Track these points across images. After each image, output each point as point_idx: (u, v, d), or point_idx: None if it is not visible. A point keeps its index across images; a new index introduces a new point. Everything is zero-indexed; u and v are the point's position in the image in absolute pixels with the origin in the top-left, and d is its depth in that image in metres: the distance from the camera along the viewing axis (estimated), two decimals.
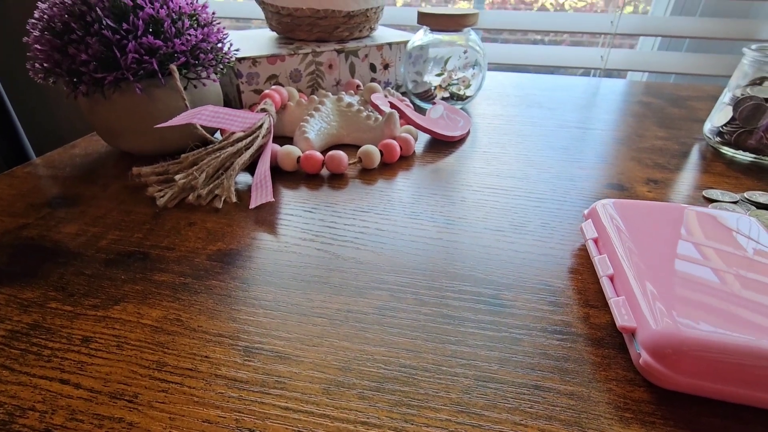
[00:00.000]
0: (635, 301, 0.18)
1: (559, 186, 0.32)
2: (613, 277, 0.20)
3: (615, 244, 0.21)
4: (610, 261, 0.21)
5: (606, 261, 0.21)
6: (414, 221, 0.28)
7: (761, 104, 0.35)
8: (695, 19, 0.68)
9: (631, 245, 0.21)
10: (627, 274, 0.19)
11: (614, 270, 0.20)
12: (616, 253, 0.21)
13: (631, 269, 0.20)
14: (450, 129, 0.40)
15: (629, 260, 0.20)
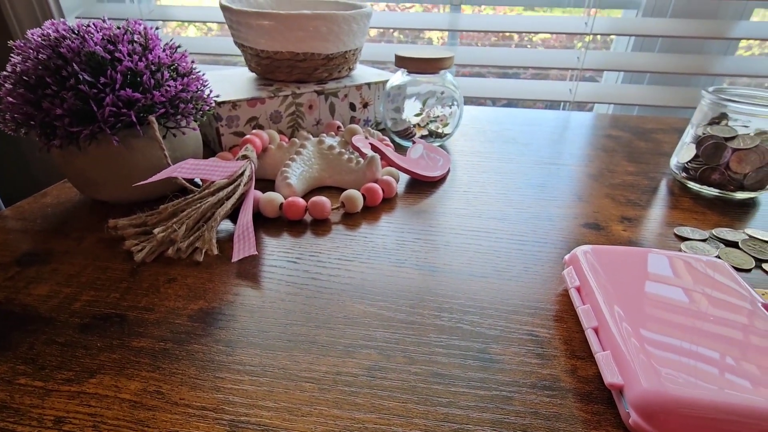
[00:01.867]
0: (622, 356, 0.18)
1: (539, 226, 0.33)
2: (597, 329, 0.21)
3: (597, 295, 0.22)
4: (593, 312, 0.21)
5: (590, 312, 0.22)
6: (399, 269, 0.28)
7: (721, 143, 0.37)
8: (654, 55, 0.73)
9: (614, 296, 0.21)
10: (611, 328, 0.20)
11: (598, 322, 0.21)
12: (599, 304, 0.21)
13: (614, 322, 0.20)
14: (430, 169, 0.41)
15: (612, 312, 0.21)
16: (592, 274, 0.23)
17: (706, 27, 0.67)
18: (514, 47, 0.91)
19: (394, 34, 0.97)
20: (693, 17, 0.70)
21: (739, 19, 0.70)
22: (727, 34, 0.67)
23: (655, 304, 0.21)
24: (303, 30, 0.44)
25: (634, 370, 0.18)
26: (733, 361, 0.18)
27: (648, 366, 0.17)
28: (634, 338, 0.19)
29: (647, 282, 0.22)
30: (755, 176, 0.37)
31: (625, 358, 0.18)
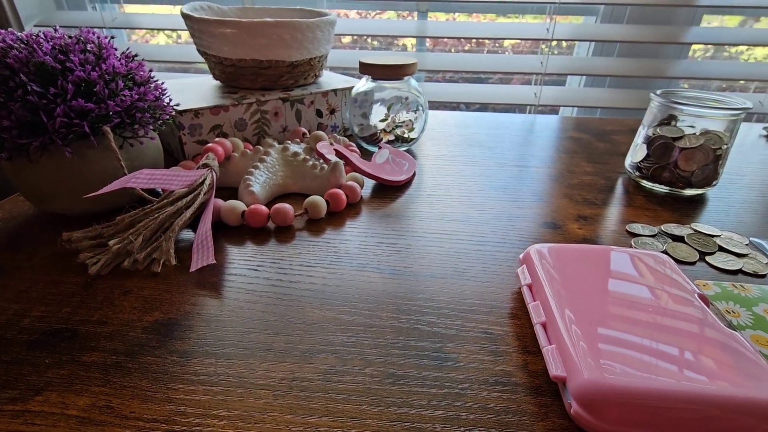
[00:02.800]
0: (566, 349, 0.19)
1: (499, 227, 0.34)
2: (545, 324, 0.21)
3: (547, 291, 0.23)
4: (542, 308, 0.22)
5: (539, 308, 0.22)
6: (360, 273, 0.28)
7: (669, 142, 0.39)
8: (613, 59, 0.76)
9: (562, 291, 0.22)
10: (558, 322, 0.21)
11: (546, 317, 0.22)
12: (547, 299, 0.22)
13: (561, 317, 0.21)
14: (395, 173, 0.41)
15: (560, 307, 0.21)
16: (543, 272, 0.24)
17: (660, 32, 0.71)
18: (486, 53, 0.93)
19: (368, 40, 0.98)
20: (648, 23, 0.73)
21: (690, 24, 0.74)
22: (680, 39, 0.70)
23: (600, 299, 0.22)
24: (266, 37, 0.44)
25: (576, 363, 0.18)
26: (669, 350, 0.19)
27: (588, 358, 0.18)
28: (578, 332, 0.20)
29: (594, 277, 0.23)
30: (701, 173, 0.39)
31: (568, 351, 0.19)
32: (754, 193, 0.41)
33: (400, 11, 0.83)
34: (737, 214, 0.37)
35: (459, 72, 0.88)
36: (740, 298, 0.26)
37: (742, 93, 0.81)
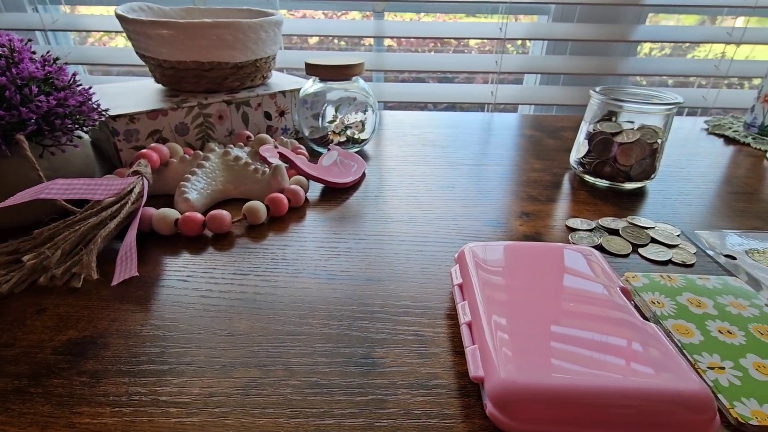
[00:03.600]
0: (486, 349, 0.19)
1: (442, 227, 0.34)
2: (471, 324, 0.21)
3: (475, 290, 0.23)
4: (469, 307, 0.22)
5: (467, 308, 0.22)
6: (295, 279, 0.27)
7: (609, 138, 0.40)
8: (566, 57, 0.77)
9: (489, 290, 0.22)
10: (482, 322, 0.20)
11: (472, 317, 0.21)
12: (475, 299, 0.22)
13: (486, 316, 0.21)
14: (342, 175, 0.41)
15: (486, 306, 0.21)
16: (474, 271, 0.24)
17: (609, 31, 0.73)
18: (453, 52, 0.93)
19: (335, 41, 0.97)
20: (597, 22, 0.75)
21: (637, 23, 0.76)
22: (628, 37, 0.73)
23: (524, 296, 0.22)
24: (206, 39, 0.43)
25: (494, 363, 0.18)
26: (584, 346, 0.19)
27: (505, 357, 0.18)
28: (499, 331, 0.20)
29: (521, 275, 0.23)
30: (639, 167, 0.40)
31: (488, 351, 0.19)
32: (690, 185, 0.43)
33: (364, 11, 0.82)
34: (673, 205, 0.38)
35: (422, 72, 0.88)
36: (666, 288, 0.26)
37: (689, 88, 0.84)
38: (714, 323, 0.23)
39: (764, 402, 0.19)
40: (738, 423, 0.18)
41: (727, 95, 0.75)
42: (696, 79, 0.83)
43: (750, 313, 0.24)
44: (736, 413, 0.19)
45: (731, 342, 0.22)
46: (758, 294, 0.26)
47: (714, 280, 0.27)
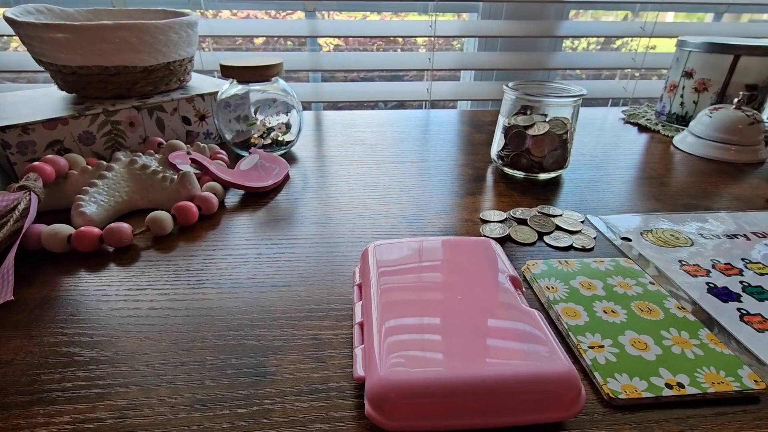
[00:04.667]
0: (371, 349, 0.19)
1: (359, 226, 0.34)
2: (363, 324, 0.21)
3: (371, 289, 0.22)
4: (363, 307, 0.22)
5: (361, 308, 0.22)
6: (196, 291, 0.26)
7: (522, 131, 0.41)
8: (497, 54, 0.80)
9: (385, 288, 0.22)
10: (372, 321, 0.20)
11: (365, 317, 0.21)
12: (370, 298, 0.22)
13: (377, 315, 0.21)
14: (261, 179, 0.40)
15: (378, 305, 0.21)
16: (374, 269, 0.24)
17: (535, 27, 0.75)
18: (399, 51, 0.94)
19: (281, 41, 0.94)
20: (522, 19, 0.78)
21: (560, 19, 0.80)
22: (552, 33, 0.76)
23: (416, 293, 0.22)
24: (107, 42, 0.40)
25: (375, 362, 0.18)
26: (467, 337, 0.19)
27: (386, 355, 0.18)
28: (386, 329, 0.20)
29: (417, 271, 0.23)
30: (551, 158, 0.41)
31: (372, 351, 0.19)
32: (601, 173, 0.45)
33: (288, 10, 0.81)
34: (583, 193, 0.40)
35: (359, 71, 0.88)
36: (562, 273, 0.27)
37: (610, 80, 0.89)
38: (601, 304, 0.25)
39: (635, 375, 0.20)
40: (609, 398, 0.19)
41: (644, 86, 0.80)
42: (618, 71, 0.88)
43: (634, 292, 0.26)
44: (608, 389, 0.20)
45: (613, 321, 0.23)
46: (644, 272, 0.28)
47: (607, 262, 0.29)
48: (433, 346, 0.18)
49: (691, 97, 0.55)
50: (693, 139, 0.50)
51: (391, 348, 0.18)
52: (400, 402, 0.17)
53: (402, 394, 0.17)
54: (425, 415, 0.17)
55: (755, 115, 0.47)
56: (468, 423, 0.17)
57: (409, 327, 0.20)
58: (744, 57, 0.51)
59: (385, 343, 0.19)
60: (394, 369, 0.17)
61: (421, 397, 0.17)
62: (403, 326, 0.20)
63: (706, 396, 0.19)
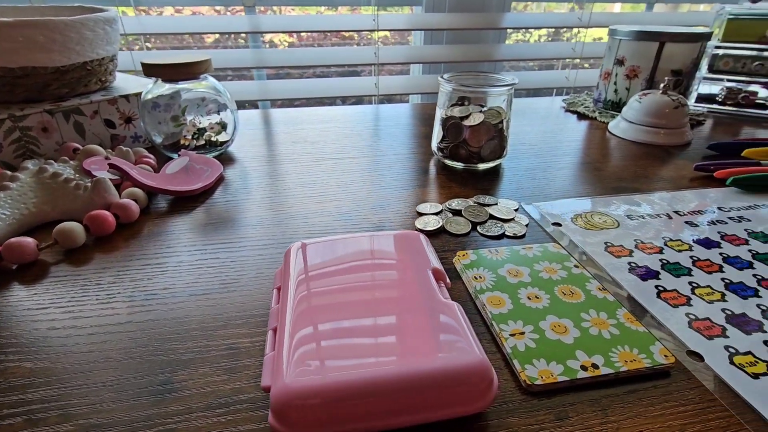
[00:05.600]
0: (280, 355, 0.18)
1: (291, 226, 0.33)
2: (276, 329, 0.20)
3: (288, 292, 0.21)
4: (279, 311, 0.21)
5: (277, 312, 0.21)
6: (104, 306, 0.24)
7: (458, 122, 0.41)
8: (443, 47, 0.80)
9: (302, 290, 0.21)
10: (285, 326, 0.19)
11: (278, 322, 0.20)
12: (286, 301, 0.21)
13: (290, 318, 0.20)
14: (189, 182, 0.38)
15: (293, 308, 0.20)
16: (294, 271, 0.23)
17: (478, 19, 0.76)
18: (356, 46, 0.92)
19: (232, 38, 0.90)
20: (466, 11, 0.78)
21: (503, 11, 0.81)
22: (496, 25, 0.77)
23: (336, 293, 0.21)
24: (10, 41, 0.37)
25: (282, 369, 0.17)
26: (380, 336, 0.18)
27: (293, 362, 0.17)
28: (299, 333, 0.19)
29: (337, 270, 0.23)
30: (488, 148, 0.42)
31: (281, 358, 0.18)
32: (538, 160, 0.46)
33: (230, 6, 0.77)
34: (519, 181, 0.41)
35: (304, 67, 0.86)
36: (491, 262, 0.27)
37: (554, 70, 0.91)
38: (526, 290, 0.25)
39: (552, 360, 0.20)
40: (526, 385, 0.19)
41: (584, 75, 0.83)
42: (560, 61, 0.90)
43: (559, 276, 0.26)
44: (525, 375, 0.19)
45: (536, 306, 0.23)
46: (570, 257, 0.28)
47: (536, 249, 0.29)
48: (344, 349, 0.18)
49: (624, 84, 0.57)
50: (625, 125, 0.52)
51: (300, 353, 0.17)
52: (303, 410, 0.16)
53: (305, 402, 0.16)
54: (332, 421, 0.16)
55: (680, 99, 0.49)
56: (378, 425, 0.16)
57: (322, 330, 0.19)
58: (668, 44, 0.53)
59: (294, 349, 0.18)
60: (299, 375, 0.16)
61: (327, 404, 0.16)
62: (316, 329, 0.19)
63: (619, 375, 0.20)
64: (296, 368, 0.17)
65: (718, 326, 0.23)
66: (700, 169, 0.42)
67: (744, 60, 0.58)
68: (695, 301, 0.24)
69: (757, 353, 0.21)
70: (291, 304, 0.20)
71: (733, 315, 0.24)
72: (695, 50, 0.54)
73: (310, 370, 0.17)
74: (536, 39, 1.11)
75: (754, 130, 0.56)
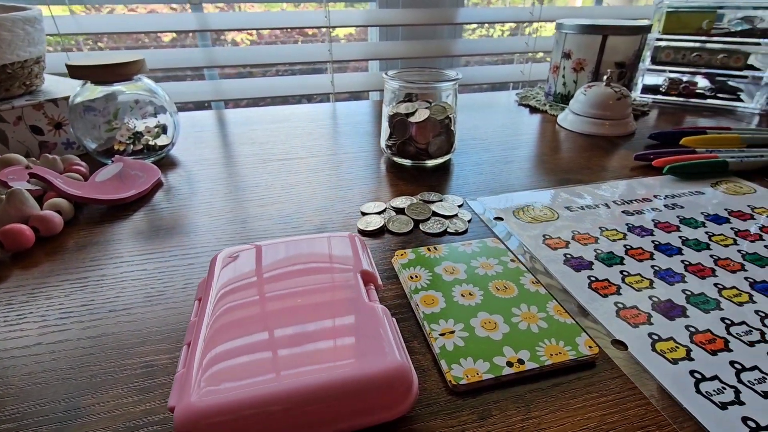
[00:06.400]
0: (190, 373, 0.17)
1: (228, 232, 0.31)
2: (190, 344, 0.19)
3: (208, 303, 0.20)
4: (196, 324, 0.20)
5: (193, 326, 0.20)
6: (12, 329, 0.23)
7: (404, 119, 0.41)
8: (399, 43, 0.79)
9: (222, 301, 0.20)
10: (199, 341, 0.18)
11: (193, 336, 0.19)
12: (203, 314, 0.20)
13: (205, 332, 0.19)
14: (121, 190, 0.36)
15: (209, 322, 0.19)
16: (215, 281, 0.22)
17: (432, 15, 0.76)
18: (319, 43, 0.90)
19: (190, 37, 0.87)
20: (419, 7, 0.78)
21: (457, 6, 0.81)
22: (452, 20, 0.77)
23: (257, 302, 0.20)
24: None
25: (189, 388, 0.16)
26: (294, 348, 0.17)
27: (199, 379, 0.16)
28: (208, 348, 0.18)
29: (260, 279, 0.22)
30: (435, 144, 0.41)
31: (190, 375, 0.17)
32: (487, 155, 0.46)
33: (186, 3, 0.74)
34: (467, 176, 0.41)
35: (295, 64, 0.84)
36: (428, 260, 0.27)
37: (510, 65, 0.92)
38: (460, 288, 0.24)
39: (479, 358, 0.20)
40: (452, 385, 0.19)
41: (538, 69, 0.84)
42: (516, 55, 0.92)
43: (494, 271, 0.26)
44: (451, 376, 0.19)
45: (469, 304, 0.23)
46: (508, 251, 0.28)
47: (475, 244, 0.29)
48: (256, 363, 0.17)
49: (571, 77, 0.58)
50: (573, 117, 0.53)
51: (211, 370, 0.17)
52: (208, 430, 0.15)
53: (210, 421, 0.15)
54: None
55: (622, 91, 0.50)
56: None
57: (236, 344, 0.18)
58: (611, 37, 0.54)
59: (204, 365, 0.17)
60: (205, 395, 0.15)
61: (233, 422, 0.15)
62: (229, 343, 0.18)
63: (543, 369, 0.20)
64: (204, 386, 0.16)
65: (644, 314, 0.23)
66: (640, 159, 0.43)
67: (684, 51, 0.61)
68: (624, 290, 0.25)
69: (678, 338, 0.22)
70: (208, 317, 0.19)
71: (659, 302, 0.24)
72: (636, 42, 0.55)
73: (217, 388, 0.16)
74: (500, 34, 1.12)
75: (695, 119, 0.58)
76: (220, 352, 0.17)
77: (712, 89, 0.62)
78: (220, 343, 0.18)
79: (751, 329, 0.22)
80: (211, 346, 0.18)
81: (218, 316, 0.19)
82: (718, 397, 0.18)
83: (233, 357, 0.17)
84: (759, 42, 0.56)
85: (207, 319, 0.19)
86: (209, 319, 0.19)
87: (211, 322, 0.19)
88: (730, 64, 0.58)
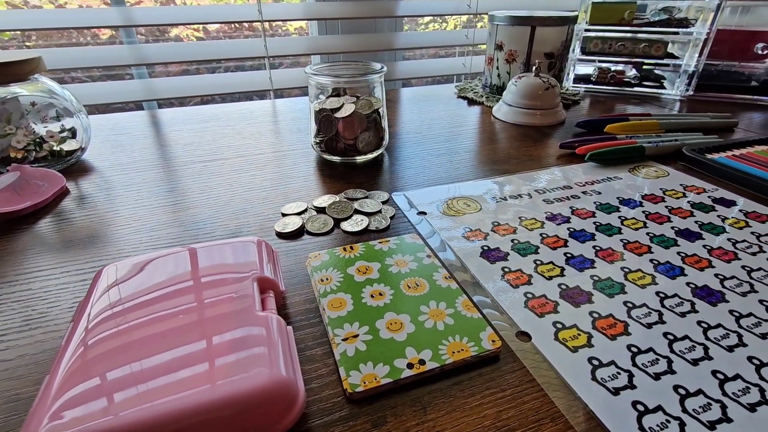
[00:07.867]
0: (42, 405, 0.15)
1: (131, 242, 0.29)
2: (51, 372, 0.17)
3: (78, 325, 0.18)
4: (63, 348, 0.18)
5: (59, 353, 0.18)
6: None
7: (330, 115, 0.39)
8: (339, 37, 0.78)
9: (90, 322, 0.18)
10: (59, 370, 0.16)
11: (57, 361, 0.17)
12: (71, 339, 0.18)
13: (65, 362, 0.17)
14: (14, 201, 0.32)
15: (73, 349, 0.17)
16: (93, 301, 0.20)
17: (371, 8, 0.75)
18: (254, 39, 0.86)
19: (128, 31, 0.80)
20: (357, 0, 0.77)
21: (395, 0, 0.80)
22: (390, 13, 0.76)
23: (126, 325, 0.18)
24: None
25: (37, 424, 0.14)
26: (164, 370, 0.16)
27: (47, 412, 0.14)
28: (65, 377, 0.16)
29: (142, 295, 0.20)
30: (363, 139, 0.40)
31: (41, 408, 0.15)
32: (419, 149, 0.45)
33: None
34: (397, 171, 0.40)
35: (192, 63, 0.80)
36: (342, 261, 0.26)
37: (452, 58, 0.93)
38: (371, 288, 0.24)
39: (379, 361, 0.19)
40: (349, 393, 0.18)
41: (478, 61, 0.85)
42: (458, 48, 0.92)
43: (408, 268, 0.25)
44: (348, 383, 0.18)
45: (377, 304, 0.22)
46: (424, 247, 0.28)
47: (392, 242, 0.28)
48: (119, 392, 0.15)
49: (505, 68, 0.59)
50: (506, 108, 0.53)
51: (62, 400, 0.15)
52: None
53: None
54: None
55: (550, 80, 0.51)
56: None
57: (99, 371, 0.16)
58: (539, 28, 0.55)
59: (55, 396, 0.15)
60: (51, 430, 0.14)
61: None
62: (92, 371, 0.16)
63: (444, 368, 0.19)
64: (50, 422, 0.14)
65: (551, 302, 0.23)
66: (565, 147, 0.44)
67: (610, 41, 0.63)
68: (536, 279, 0.25)
69: (581, 326, 0.22)
70: (74, 343, 0.17)
71: (567, 289, 0.24)
72: (564, 33, 0.56)
73: (64, 423, 0.14)
74: (452, 27, 1.13)
75: (624, 106, 0.61)
76: (77, 382, 0.16)
77: (637, 77, 0.64)
78: (80, 373, 0.16)
79: (650, 311, 0.23)
80: (68, 377, 0.16)
81: (85, 342, 0.17)
82: (612, 383, 0.19)
83: (91, 387, 0.15)
84: (677, 31, 0.59)
85: (73, 344, 0.17)
86: (75, 345, 0.17)
87: (76, 347, 0.17)
88: (652, 53, 0.61)
